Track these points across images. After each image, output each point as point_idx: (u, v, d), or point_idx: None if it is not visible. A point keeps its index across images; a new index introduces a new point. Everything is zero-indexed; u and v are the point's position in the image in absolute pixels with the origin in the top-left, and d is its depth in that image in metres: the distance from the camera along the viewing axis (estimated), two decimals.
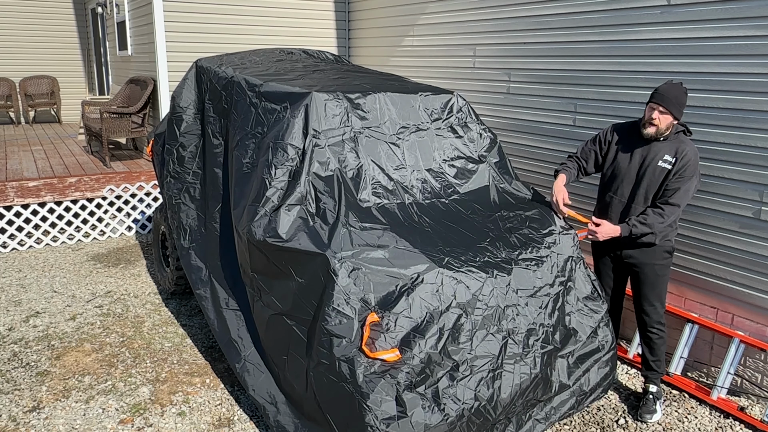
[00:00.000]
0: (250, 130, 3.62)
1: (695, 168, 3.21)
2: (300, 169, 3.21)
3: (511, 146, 5.26)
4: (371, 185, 3.29)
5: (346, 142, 3.39)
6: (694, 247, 3.92)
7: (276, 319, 3.06)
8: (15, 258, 5.98)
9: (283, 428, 2.96)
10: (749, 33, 3.49)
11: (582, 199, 4.62)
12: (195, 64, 4.61)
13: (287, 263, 2.97)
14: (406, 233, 3.04)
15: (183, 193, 4.28)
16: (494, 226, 3.32)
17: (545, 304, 3.06)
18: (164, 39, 6.60)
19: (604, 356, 3.23)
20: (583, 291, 3.30)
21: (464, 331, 2.77)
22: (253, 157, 3.49)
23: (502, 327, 2.87)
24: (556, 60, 4.75)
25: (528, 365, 2.88)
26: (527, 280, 3.05)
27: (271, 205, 3.13)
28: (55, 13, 11.24)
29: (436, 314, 2.73)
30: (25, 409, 3.44)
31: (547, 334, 3.00)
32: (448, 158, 3.67)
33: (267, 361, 3.22)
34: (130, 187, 6.53)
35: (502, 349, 2.83)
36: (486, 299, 2.86)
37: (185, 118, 4.40)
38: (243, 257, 3.31)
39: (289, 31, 7.34)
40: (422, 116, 3.73)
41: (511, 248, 3.13)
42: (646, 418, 3.43)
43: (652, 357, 3.56)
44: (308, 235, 2.94)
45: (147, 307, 4.85)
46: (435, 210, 3.33)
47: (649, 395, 3.52)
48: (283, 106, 3.51)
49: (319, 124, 3.37)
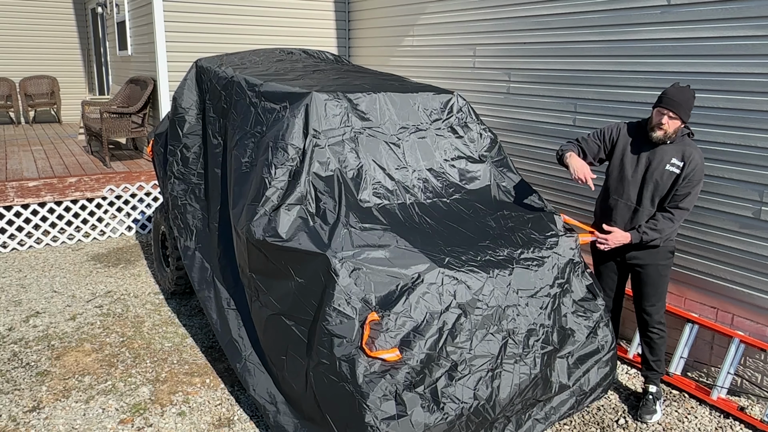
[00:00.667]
0: (250, 129, 3.62)
1: (702, 172, 3.21)
2: (300, 169, 3.21)
3: (511, 146, 5.26)
4: (372, 185, 3.29)
5: (347, 142, 3.39)
6: (694, 247, 3.92)
7: (274, 319, 3.06)
8: (15, 258, 5.98)
9: (282, 428, 2.96)
10: (749, 33, 3.49)
11: (584, 199, 4.62)
12: (195, 64, 4.61)
13: (287, 263, 2.97)
14: (407, 233, 3.04)
15: (188, 194, 4.28)
16: (495, 225, 3.32)
17: (545, 305, 3.06)
18: (164, 39, 6.60)
19: (603, 357, 3.23)
20: (582, 292, 3.30)
21: (464, 330, 2.77)
22: (252, 157, 3.49)
23: (502, 327, 2.87)
24: (556, 60, 4.75)
25: (528, 365, 2.88)
26: (528, 281, 3.04)
27: (271, 204, 3.13)
28: (55, 13, 11.24)
29: (436, 314, 2.73)
30: (25, 409, 3.44)
31: (546, 335, 3.00)
32: (449, 158, 3.67)
33: (266, 361, 3.22)
34: (130, 187, 6.53)
35: (501, 349, 2.83)
36: (486, 299, 2.86)
37: (188, 118, 4.40)
38: (242, 257, 3.31)
39: (289, 31, 7.34)
40: (422, 116, 3.73)
41: (512, 247, 3.13)
42: (645, 419, 3.43)
43: (653, 357, 3.55)
44: (308, 234, 2.94)
45: (147, 307, 4.85)
46: (436, 210, 3.33)
47: (649, 395, 3.52)
48: (282, 105, 3.52)
49: (319, 123, 3.37)
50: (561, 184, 4.82)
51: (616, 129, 3.46)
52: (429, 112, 3.78)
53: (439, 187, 3.50)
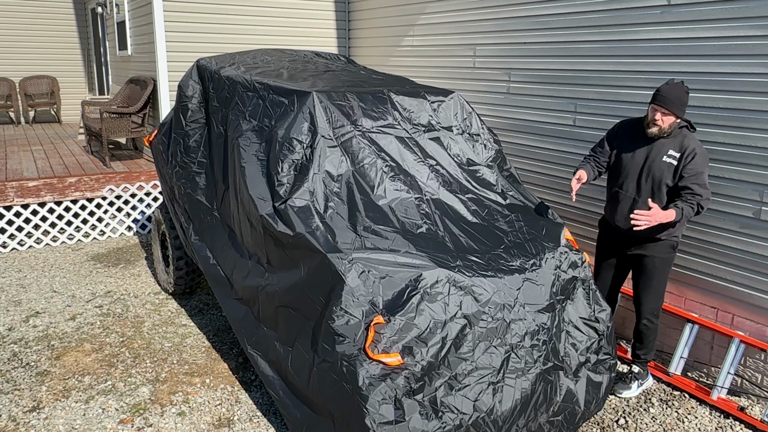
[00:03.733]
0: (258, 123, 3.63)
1: (705, 156, 3.28)
2: (309, 166, 3.22)
3: (511, 146, 5.26)
4: (383, 186, 3.29)
5: (357, 142, 3.39)
6: (694, 247, 3.92)
7: (282, 311, 3.08)
8: (15, 258, 5.98)
9: (286, 405, 2.98)
10: (749, 33, 3.49)
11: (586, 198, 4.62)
12: (196, 63, 4.61)
13: (298, 258, 2.99)
14: (417, 237, 3.04)
15: (193, 181, 4.25)
16: (506, 233, 3.30)
17: (550, 319, 3.03)
18: (164, 39, 6.60)
19: (605, 371, 3.21)
20: (587, 306, 3.27)
21: (467, 341, 2.75)
22: (260, 151, 3.49)
23: (506, 340, 2.85)
24: (556, 60, 4.75)
25: (529, 380, 2.85)
26: (535, 294, 3.02)
27: (284, 199, 3.14)
28: (55, 13, 11.24)
29: (441, 322, 2.72)
30: (25, 409, 3.44)
31: (549, 350, 2.98)
32: (459, 162, 3.66)
33: (269, 350, 3.22)
34: (130, 187, 6.53)
35: (504, 362, 2.81)
36: (492, 311, 2.84)
37: (190, 107, 4.41)
38: (257, 247, 3.32)
39: (289, 31, 7.34)
40: (432, 119, 3.74)
41: (524, 258, 3.11)
42: (618, 392, 3.61)
43: (640, 346, 3.71)
44: (320, 233, 2.95)
45: (147, 307, 4.85)
46: (445, 214, 3.32)
47: (630, 373, 3.68)
48: (290, 102, 3.52)
49: (330, 122, 3.38)
50: (561, 185, 4.82)
51: (613, 129, 3.62)
52: (439, 115, 3.78)
53: (449, 192, 3.49)
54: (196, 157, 4.25)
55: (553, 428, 2.96)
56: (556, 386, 2.96)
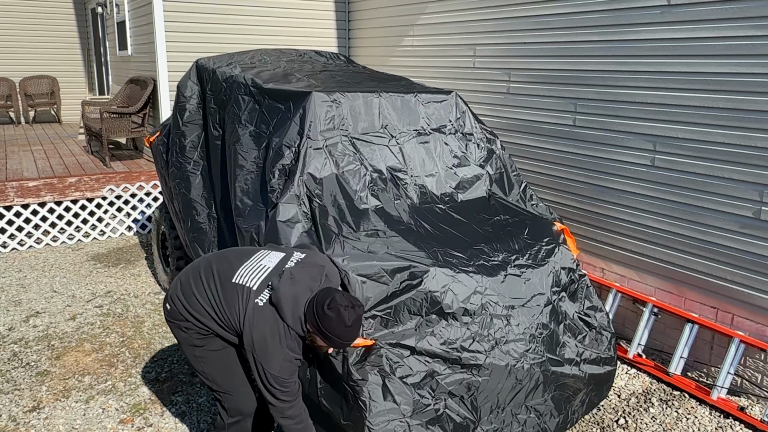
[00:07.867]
0: (252, 127, 3.62)
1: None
2: (295, 169, 3.20)
3: (511, 146, 5.26)
4: (368, 188, 3.28)
5: (344, 144, 3.38)
6: (694, 247, 3.92)
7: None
8: (15, 258, 5.98)
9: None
10: (749, 33, 3.49)
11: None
12: (195, 63, 4.61)
13: None
14: (402, 236, 3.04)
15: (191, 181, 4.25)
16: (492, 230, 3.31)
17: (540, 313, 3.04)
18: (164, 39, 6.60)
19: (601, 368, 3.22)
20: (580, 302, 3.28)
21: (455, 333, 2.77)
22: (251, 156, 3.49)
23: (492, 333, 2.86)
24: (556, 60, 4.75)
25: (521, 370, 2.87)
26: (522, 288, 3.03)
27: (268, 203, 3.13)
28: (55, 13, 11.24)
29: (427, 316, 2.74)
30: (25, 409, 3.44)
31: (540, 343, 2.99)
32: (448, 163, 3.65)
33: None
34: (130, 187, 6.53)
35: (491, 353, 2.83)
36: (478, 303, 2.86)
37: (188, 107, 4.40)
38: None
39: (289, 31, 7.34)
40: (423, 120, 3.72)
41: (508, 253, 3.13)
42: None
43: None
44: (305, 235, 2.95)
45: (147, 307, 4.85)
46: (432, 214, 3.32)
47: None
48: (285, 105, 3.52)
49: (318, 124, 3.36)
50: (561, 184, 4.82)
51: None
52: (430, 115, 3.76)
53: (437, 192, 3.48)
54: (192, 157, 4.25)
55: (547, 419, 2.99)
56: (550, 378, 2.99)
